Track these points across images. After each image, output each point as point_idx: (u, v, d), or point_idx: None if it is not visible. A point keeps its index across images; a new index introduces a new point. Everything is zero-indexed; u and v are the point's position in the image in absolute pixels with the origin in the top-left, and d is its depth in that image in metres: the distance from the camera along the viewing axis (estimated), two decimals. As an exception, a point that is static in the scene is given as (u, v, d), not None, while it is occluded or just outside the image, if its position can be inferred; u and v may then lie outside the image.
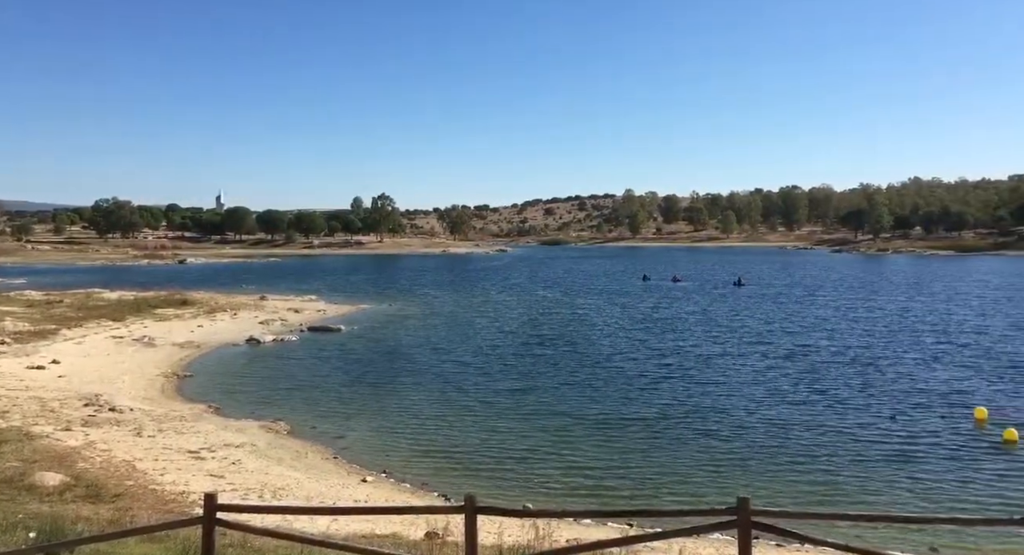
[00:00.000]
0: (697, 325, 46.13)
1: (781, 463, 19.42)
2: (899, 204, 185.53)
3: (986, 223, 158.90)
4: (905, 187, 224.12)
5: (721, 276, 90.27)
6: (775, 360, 33.71)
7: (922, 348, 36.96)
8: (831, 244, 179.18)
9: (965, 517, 7.58)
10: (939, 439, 21.60)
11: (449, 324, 48.12)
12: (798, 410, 24.86)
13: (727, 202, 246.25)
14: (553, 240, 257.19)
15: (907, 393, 27.27)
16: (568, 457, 20.11)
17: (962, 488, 17.64)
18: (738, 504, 7.27)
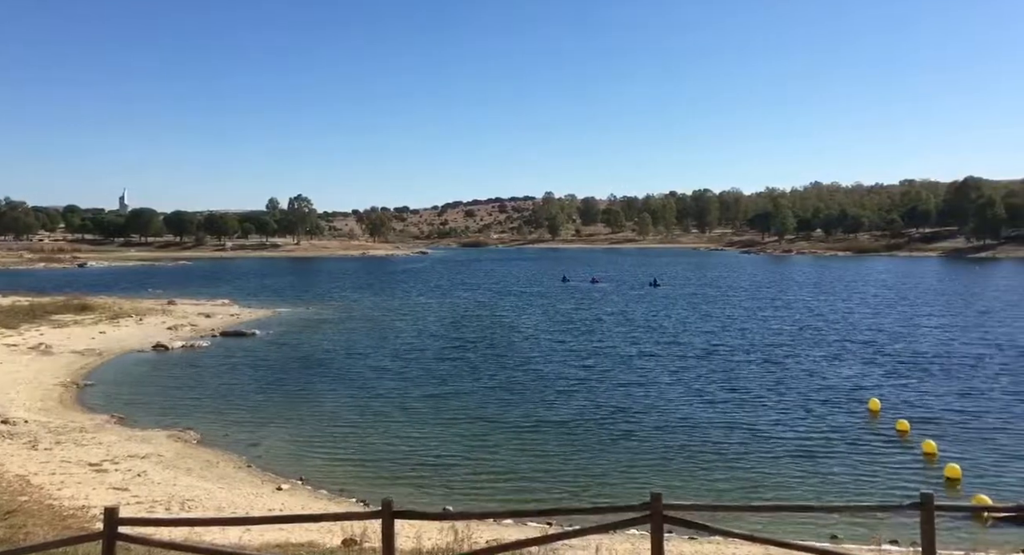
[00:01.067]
0: (616, 326, 47.08)
1: (695, 460, 20.04)
2: (802, 207, 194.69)
3: (880, 225, 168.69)
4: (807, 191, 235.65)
5: (638, 277, 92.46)
6: (690, 360, 34.77)
7: (823, 345, 38.92)
8: (740, 245, 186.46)
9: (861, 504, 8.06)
10: (838, 431, 22.79)
11: (368, 328, 47.42)
12: (711, 408, 25.74)
13: (643, 205, 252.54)
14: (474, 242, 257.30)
15: (810, 388, 28.68)
16: (488, 460, 20.17)
17: (859, 477, 18.65)
18: (651, 500, 7.49)
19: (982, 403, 25.89)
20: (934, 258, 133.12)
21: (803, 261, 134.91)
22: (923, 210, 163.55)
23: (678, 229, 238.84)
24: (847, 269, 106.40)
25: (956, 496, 16.98)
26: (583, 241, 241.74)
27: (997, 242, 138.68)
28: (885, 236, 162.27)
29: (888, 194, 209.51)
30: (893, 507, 8.22)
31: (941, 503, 7.90)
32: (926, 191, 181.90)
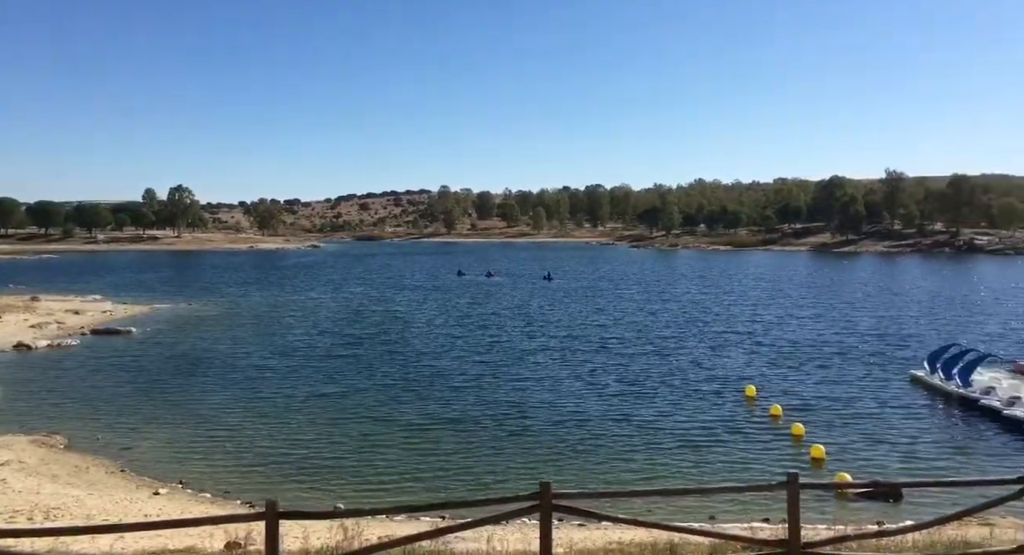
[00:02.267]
0: (511, 320, 47.56)
1: (587, 451, 20.55)
2: (687, 203, 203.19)
3: (757, 221, 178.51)
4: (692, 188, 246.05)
5: (532, 271, 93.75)
6: (582, 353, 35.58)
7: (707, 336, 40.87)
8: (630, 240, 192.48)
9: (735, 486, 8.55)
10: (718, 418, 24.01)
11: (255, 325, 45.69)
12: (602, 401, 26.48)
13: (537, 199, 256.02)
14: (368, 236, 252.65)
15: (694, 378, 30.06)
16: (381, 458, 19.93)
17: (737, 460, 19.75)
18: (540, 489, 7.63)
19: (846, 388, 27.96)
20: (804, 252, 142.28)
21: (688, 255, 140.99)
22: (795, 207, 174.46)
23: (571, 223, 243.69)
24: (728, 263, 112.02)
25: (821, 475, 18.31)
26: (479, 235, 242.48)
27: (859, 237, 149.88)
28: (761, 231, 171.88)
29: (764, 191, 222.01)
30: (763, 487, 8.76)
31: (805, 481, 8.47)
32: (797, 189, 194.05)
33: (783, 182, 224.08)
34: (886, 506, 15.67)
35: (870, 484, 13.75)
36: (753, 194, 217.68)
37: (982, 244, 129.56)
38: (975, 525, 12.22)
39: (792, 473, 7.94)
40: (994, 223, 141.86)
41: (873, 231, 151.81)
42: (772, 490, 8.42)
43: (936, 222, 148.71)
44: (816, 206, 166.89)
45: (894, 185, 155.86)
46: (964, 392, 25.43)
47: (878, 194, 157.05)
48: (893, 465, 19.18)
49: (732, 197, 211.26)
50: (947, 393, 26.22)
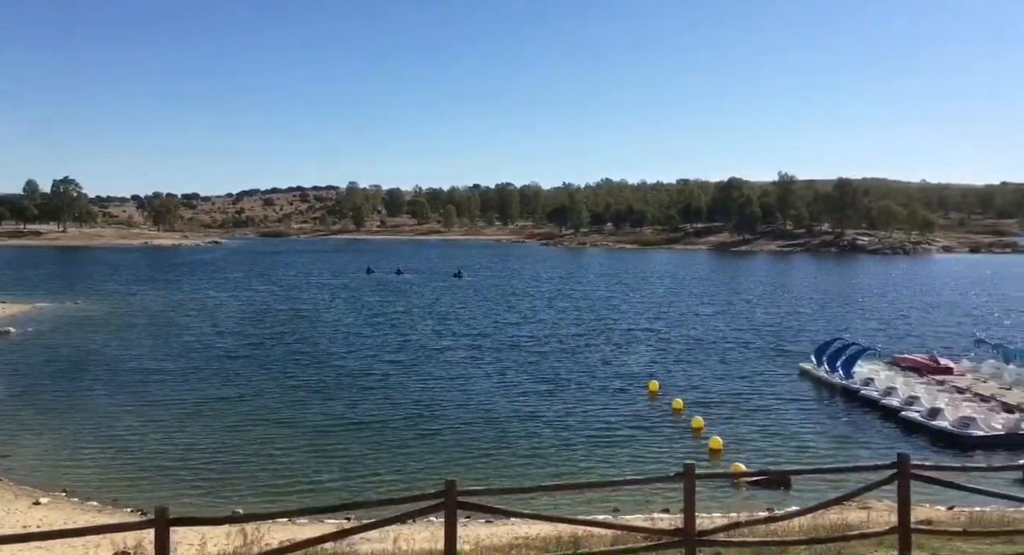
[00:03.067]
0: (421, 319, 47.24)
1: (496, 448, 20.68)
2: (595, 203, 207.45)
3: (661, 220, 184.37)
4: (600, 187, 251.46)
5: (443, 268, 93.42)
6: (493, 352, 35.73)
7: (614, 333, 41.90)
8: (540, 238, 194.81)
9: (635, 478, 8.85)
10: (623, 413, 24.68)
11: (148, 325, 43.48)
12: (512, 398, 26.71)
13: (448, 197, 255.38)
14: (274, 232, 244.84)
15: (601, 374, 30.77)
16: (284, 461, 19.40)
17: (641, 453, 20.39)
18: (445, 487, 7.62)
19: (742, 382, 29.32)
20: (705, 251, 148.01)
21: (596, 253, 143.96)
22: (696, 207, 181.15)
23: (482, 221, 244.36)
24: (634, 261, 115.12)
25: (717, 465, 19.14)
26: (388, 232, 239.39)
27: (754, 237, 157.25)
28: (665, 230, 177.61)
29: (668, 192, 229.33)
30: (662, 478, 9.07)
31: (701, 472, 8.83)
32: (699, 190, 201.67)
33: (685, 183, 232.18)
34: (777, 493, 16.54)
35: (761, 473, 14.50)
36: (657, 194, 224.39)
37: (864, 244, 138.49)
38: (855, 509, 13.09)
39: (688, 464, 8.24)
40: (874, 224, 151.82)
41: (767, 231, 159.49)
42: (670, 481, 8.73)
43: (823, 223, 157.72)
44: (716, 207, 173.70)
45: (786, 188, 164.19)
46: (846, 384, 27.14)
47: (772, 196, 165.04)
48: (783, 454, 20.26)
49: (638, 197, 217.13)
50: (832, 385, 27.91)
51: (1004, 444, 20.51)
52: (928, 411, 22.61)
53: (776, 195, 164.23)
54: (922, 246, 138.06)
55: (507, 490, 8.70)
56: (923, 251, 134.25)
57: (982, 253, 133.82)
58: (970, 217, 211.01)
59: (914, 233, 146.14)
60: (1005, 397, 24.37)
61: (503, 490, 8.71)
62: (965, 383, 26.61)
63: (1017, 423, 21.41)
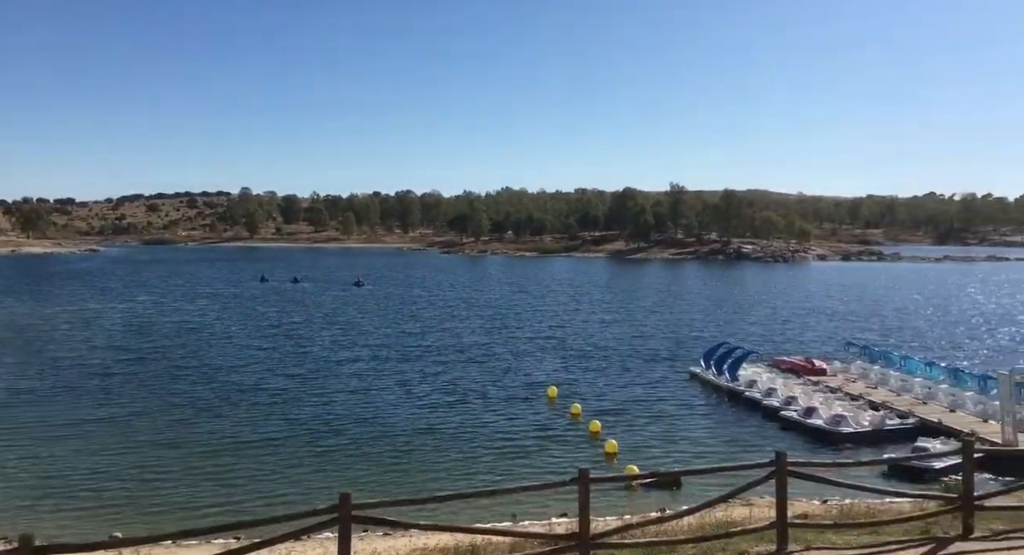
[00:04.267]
0: (319, 329, 46.09)
1: (396, 460, 20.50)
2: (495, 211, 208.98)
3: (560, 228, 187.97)
4: (500, 195, 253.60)
5: (343, 277, 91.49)
6: (393, 362, 35.27)
7: (515, 341, 42.35)
8: (441, 246, 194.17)
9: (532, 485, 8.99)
10: (523, 419, 25.01)
11: (16, 340, 40.36)
12: (412, 409, 26.53)
13: (347, 204, 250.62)
14: (158, 239, 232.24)
15: (502, 383, 31.05)
16: (169, 483, 18.49)
17: (540, 458, 20.72)
18: (339, 501, 7.50)
19: (636, 386, 30.31)
20: (602, 258, 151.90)
21: (497, 261, 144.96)
22: (593, 216, 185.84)
23: (382, 229, 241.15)
24: (534, 269, 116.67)
25: (612, 468, 19.69)
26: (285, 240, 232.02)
27: (648, 245, 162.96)
28: (564, 238, 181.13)
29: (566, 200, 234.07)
30: (558, 484, 9.27)
31: (595, 476, 9.09)
32: (596, 199, 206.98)
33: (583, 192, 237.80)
34: (668, 493, 17.22)
35: (652, 474, 15.05)
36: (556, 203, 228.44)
37: (748, 252, 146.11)
38: (739, 505, 13.77)
39: (583, 469, 8.47)
40: (757, 234, 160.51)
41: (660, 239, 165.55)
42: (565, 486, 8.93)
43: (711, 232, 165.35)
44: (612, 216, 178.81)
45: (677, 198, 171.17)
46: (732, 386, 28.57)
47: (664, 206, 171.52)
48: (674, 455, 21.10)
49: (538, 205, 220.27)
50: (719, 387, 29.30)
51: (871, 439, 22.15)
52: (804, 410, 24.13)
53: (668, 205, 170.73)
54: (800, 254, 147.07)
55: (403, 501, 8.65)
56: (800, 259, 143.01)
57: (852, 260, 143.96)
58: (841, 227, 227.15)
59: (792, 242, 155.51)
60: (871, 396, 26.35)
61: (398, 502, 8.65)
62: (837, 383, 28.58)
63: (882, 420, 23.19)
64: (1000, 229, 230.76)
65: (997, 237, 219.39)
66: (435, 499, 8.45)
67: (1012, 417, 19.85)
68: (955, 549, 8.86)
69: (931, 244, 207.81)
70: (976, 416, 23.12)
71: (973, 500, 9.54)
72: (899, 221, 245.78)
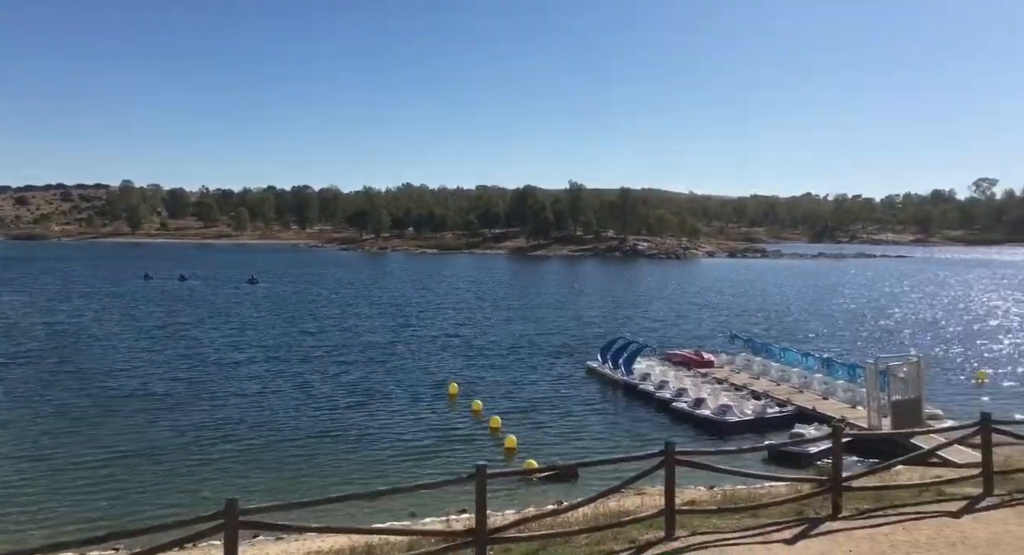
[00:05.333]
0: (210, 330, 44.12)
1: (291, 463, 19.92)
2: (396, 207, 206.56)
3: (461, 225, 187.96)
4: (400, 192, 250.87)
5: (235, 274, 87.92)
6: (290, 363, 34.17)
7: (418, 340, 42.01)
8: (340, 242, 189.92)
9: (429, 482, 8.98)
10: (424, 417, 24.89)
11: None
12: (310, 410, 25.85)
13: (240, 199, 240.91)
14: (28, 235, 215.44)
15: (404, 381, 30.75)
16: (36, 495, 17.27)
17: (442, 455, 20.69)
18: (226, 507, 7.27)
19: (536, 381, 30.77)
20: (503, 255, 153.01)
21: (398, 258, 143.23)
22: (494, 212, 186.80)
23: (278, 225, 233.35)
24: (435, 266, 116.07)
25: (511, 463, 19.93)
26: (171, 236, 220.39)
27: (548, 242, 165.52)
28: (465, 235, 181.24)
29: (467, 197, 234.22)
30: (455, 481, 9.31)
31: (493, 471, 9.19)
32: (497, 196, 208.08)
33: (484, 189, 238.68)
34: (566, 486, 17.58)
35: (550, 468, 15.34)
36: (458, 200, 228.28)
37: (643, 249, 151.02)
38: (632, 495, 14.25)
39: (480, 465, 8.55)
40: (651, 231, 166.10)
41: (560, 236, 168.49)
42: (463, 483, 8.98)
43: (609, 229, 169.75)
44: (513, 213, 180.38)
45: (576, 196, 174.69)
46: (627, 379, 29.48)
47: (563, 203, 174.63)
48: (572, 448, 21.57)
49: (439, 202, 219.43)
50: (615, 381, 30.16)
51: (754, 427, 23.42)
52: (694, 401, 25.24)
53: (567, 202, 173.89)
54: (691, 251, 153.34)
55: (293, 505, 8.42)
56: (691, 256, 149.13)
57: (738, 257, 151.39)
58: (728, 226, 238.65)
59: (684, 239, 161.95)
60: (754, 386, 27.87)
61: (289, 505, 8.41)
62: (723, 375, 30.04)
63: (763, 408, 24.57)
64: (867, 228, 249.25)
65: (865, 235, 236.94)
66: (327, 501, 8.30)
67: (877, 403, 21.46)
68: (825, 528, 9.53)
69: (808, 242, 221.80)
70: (846, 403, 24.87)
71: (841, 481, 10.30)
72: (780, 220, 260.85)
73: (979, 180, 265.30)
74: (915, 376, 21.46)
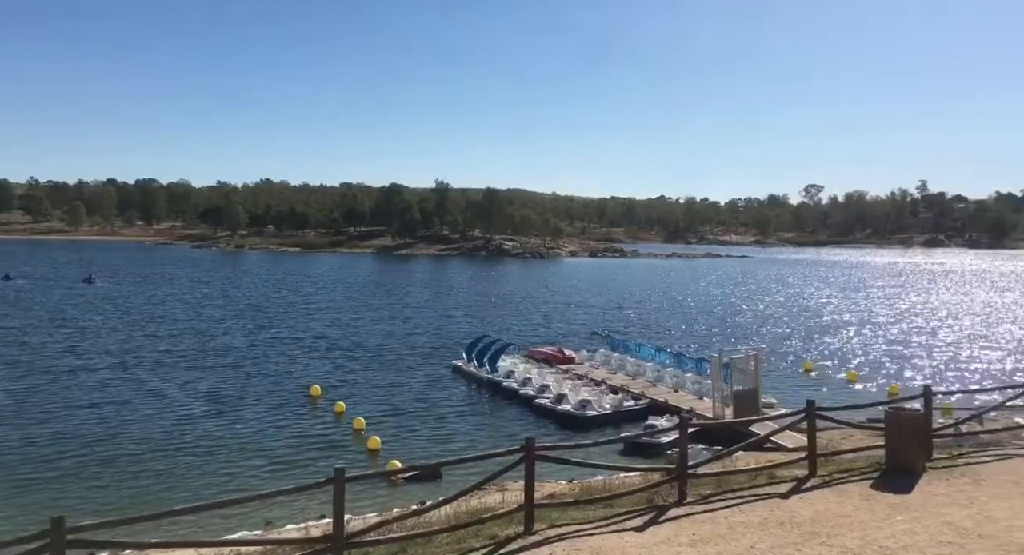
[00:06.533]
0: (39, 334, 40.21)
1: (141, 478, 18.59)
2: (254, 203, 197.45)
3: (324, 223, 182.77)
4: (259, 187, 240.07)
5: (69, 273, 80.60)
6: (139, 370, 31.70)
7: (274, 340, 40.37)
8: (192, 239, 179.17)
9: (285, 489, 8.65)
10: (285, 420, 24.02)
11: None
12: (163, 421, 24.21)
13: (75, 192, 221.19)
14: None
15: (261, 383, 29.48)
16: None
17: (300, 459, 20.04)
18: (51, 525, 6.72)
19: (401, 381, 30.48)
20: (369, 254, 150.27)
21: (257, 256, 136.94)
22: (359, 210, 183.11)
23: (120, 220, 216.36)
24: (297, 264, 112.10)
25: (375, 464, 19.66)
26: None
27: (415, 240, 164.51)
28: (329, 233, 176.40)
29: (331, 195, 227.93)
30: (311, 486, 9.06)
31: (352, 474, 9.03)
32: (362, 194, 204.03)
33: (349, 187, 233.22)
34: (430, 486, 17.56)
35: (411, 468, 15.24)
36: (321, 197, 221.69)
37: (509, 248, 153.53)
38: (495, 492, 14.48)
39: (338, 468, 8.38)
40: (517, 231, 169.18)
41: (427, 235, 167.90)
42: (320, 488, 8.76)
43: (475, 228, 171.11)
44: (378, 211, 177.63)
45: (443, 194, 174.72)
46: (491, 377, 29.86)
47: (430, 202, 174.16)
48: (437, 447, 21.58)
49: (300, 199, 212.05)
50: (480, 379, 30.46)
51: (612, 420, 24.44)
52: (556, 397, 25.97)
53: (434, 201, 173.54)
54: (554, 250, 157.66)
55: (130, 520, 7.76)
56: (555, 255, 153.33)
57: (599, 257, 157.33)
58: (589, 226, 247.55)
59: (548, 239, 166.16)
60: (612, 381, 29.07)
61: (125, 520, 7.77)
62: (584, 371, 31.10)
63: (620, 402, 25.70)
64: (714, 229, 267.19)
65: (711, 236, 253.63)
66: (168, 514, 7.80)
67: (720, 394, 23.05)
68: (672, 514, 10.12)
69: (662, 242, 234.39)
70: (694, 395, 26.50)
71: (687, 469, 10.98)
72: (637, 221, 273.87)
73: (808, 186, 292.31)
74: (753, 368, 23.23)
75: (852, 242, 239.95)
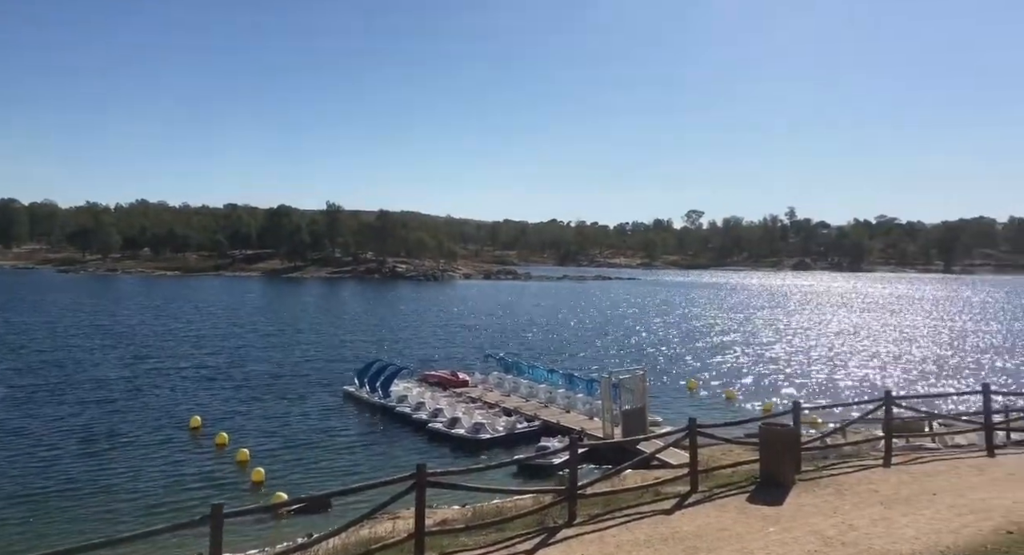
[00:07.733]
0: None
1: None
2: (128, 225, 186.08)
3: (207, 246, 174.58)
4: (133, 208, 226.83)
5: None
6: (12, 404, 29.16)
7: (152, 371, 38.01)
8: (57, 263, 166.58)
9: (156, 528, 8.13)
10: (162, 453, 22.63)
11: None
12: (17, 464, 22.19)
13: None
14: None
15: (140, 417, 27.65)
16: None
17: (180, 496, 18.91)
18: None
19: (288, 409, 29.44)
20: (256, 278, 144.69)
21: (132, 281, 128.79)
22: (245, 233, 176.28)
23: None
24: (177, 289, 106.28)
25: (260, 497, 18.83)
26: None
27: (305, 263, 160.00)
28: (213, 257, 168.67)
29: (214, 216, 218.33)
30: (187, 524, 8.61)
31: (233, 509, 8.64)
32: (247, 215, 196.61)
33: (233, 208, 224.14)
34: (317, 518, 17.00)
35: (297, 500, 14.73)
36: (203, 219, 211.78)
37: (402, 271, 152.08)
38: (386, 520, 14.22)
39: (215, 504, 8.01)
40: (410, 253, 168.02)
41: (318, 258, 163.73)
42: (196, 526, 8.34)
43: (368, 251, 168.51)
44: (266, 233, 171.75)
45: (334, 216, 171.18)
46: (384, 402, 29.39)
47: (320, 224, 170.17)
48: (327, 476, 20.94)
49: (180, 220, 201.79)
50: (372, 404, 29.90)
51: (506, 443, 24.58)
52: (449, 420, 25.85)
53: (325, 223, 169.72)
54: (448, 273, 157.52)
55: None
56: (449, 278, 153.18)
57: (493, 279, 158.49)
58: (483, 248, 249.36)
59: (442, 261, 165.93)
60: (505, 403, 29.26)
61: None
62: (478, 393, 31.14)
63: (514, 424, 25.89)
64: (604, 252, 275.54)
65: (601, 259, 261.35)
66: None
67: (610, 414, 23.66)
68: (561, 535, 10.29)
69: (554, 265, 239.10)
70: (585, 415, 27.06)
71: (577, 490, 11.19)
72: (530, 244, 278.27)
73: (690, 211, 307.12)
74: (640, 387, 24.02)
75: (730, 265, 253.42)
